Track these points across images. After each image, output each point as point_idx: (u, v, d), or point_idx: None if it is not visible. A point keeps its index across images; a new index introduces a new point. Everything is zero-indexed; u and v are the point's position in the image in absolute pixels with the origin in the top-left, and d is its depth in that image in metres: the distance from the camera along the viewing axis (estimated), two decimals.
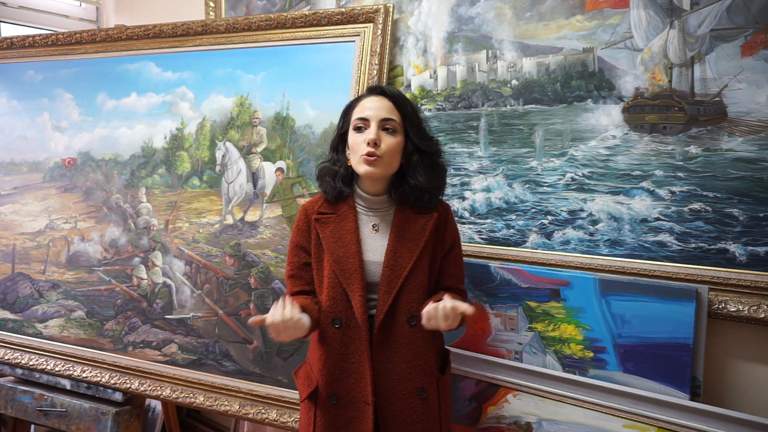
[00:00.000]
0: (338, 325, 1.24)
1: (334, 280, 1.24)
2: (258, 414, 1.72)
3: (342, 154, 1.31)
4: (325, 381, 1.25)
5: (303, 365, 1.38)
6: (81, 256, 2.10)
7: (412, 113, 1.28)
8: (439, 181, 1.29)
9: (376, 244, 1.27)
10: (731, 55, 1.29)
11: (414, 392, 1.23)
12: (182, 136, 1.99)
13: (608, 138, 1.47)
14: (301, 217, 1.33)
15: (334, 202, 1.30)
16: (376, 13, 1.76)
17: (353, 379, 1.23)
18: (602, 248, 1.48)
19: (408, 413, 1.23)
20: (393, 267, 1.23)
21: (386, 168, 1.23)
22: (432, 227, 1.26)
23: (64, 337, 2.06)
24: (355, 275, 1.23)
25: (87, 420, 1.93)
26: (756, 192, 1.28)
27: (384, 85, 1.53)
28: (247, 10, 2.21)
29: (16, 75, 2.29)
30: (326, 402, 1.25)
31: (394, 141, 1.23)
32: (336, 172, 1.29)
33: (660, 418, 1.27)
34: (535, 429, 1.42)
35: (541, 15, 1.55)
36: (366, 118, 1.23)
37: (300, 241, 1.32)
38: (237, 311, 1.83)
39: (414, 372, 1.24)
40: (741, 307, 1.31)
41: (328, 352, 1.25)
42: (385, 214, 1.30)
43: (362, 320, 1.22)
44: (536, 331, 1.50)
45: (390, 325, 1.24)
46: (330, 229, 1.27)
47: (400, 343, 1.24)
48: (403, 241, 1.25)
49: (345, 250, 1.24)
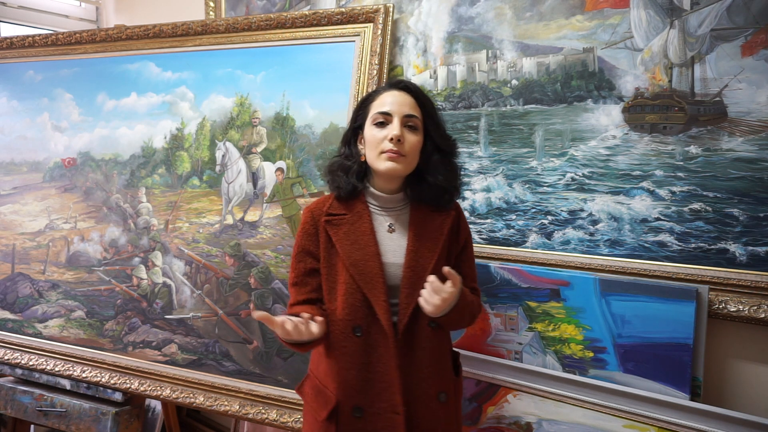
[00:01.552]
0: (359, 334, 1.16)
1: (351, 286, 1.17)
2: (258, 414, 1.72)
3: (355, 148, 1.25)
4: (347, 394, 1.17)
5: (307, 380, 1.30)
6: (81, 256, 2.10)
7: (434, 111, 1.23)
8: (456, 180, 1.24)
9: (393, 245, 1.21)
10: (731, 55, 1.29)
11: (435, 397, 1.18)
12: (182, 136, 1.99)
13: (608, 138, 1.47)
14: (307, 220, 1.24)
15: (345, 200, 1.23)
16: (376, 13, 1.76)
17: (378, 389, 1.16)
18: (602, 248, 1.48)
19: (431, 418, 1.18)
20: (414, 268, 1.17)
21: (408, 166, 1.18)
22: (449, 226, 1.22)
23: (64, 337, 2.05)
24: (377, 278, 1.15)
25: (87, 420, 1.93)
26: (756, 192, 1.28)
27: (405, 79, 1.47)
28: (247, 10, 2.21)
29: (16, 75, 2.29)
30: (349, 417, 1.16)
31: (415, 139, 1.18)
32: (349, 168, 1.22)
33: (660, 418, 1.27)
34: (535, 429, 1.42)
35: (541, 15, 1.55)
36: (389, 112, 1.17)
37: (307, 246, 1.24)
38: (237, 311, 1.83)
39: (435, 376, 1.19)
40: (741, 307, 1.31)
41: (348, 363, 1.17)
42: (399, 213, 1.24)
43: (388, 326, 1.14)
44: (536, 331, 1.50)
45: (413, 329, 1.18)
46: (344, 231, 1.19)
47: (423, 347, 1.18)
48: (422, 241, 1.19)
49: (363, 252, 1.17)
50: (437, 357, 1.21)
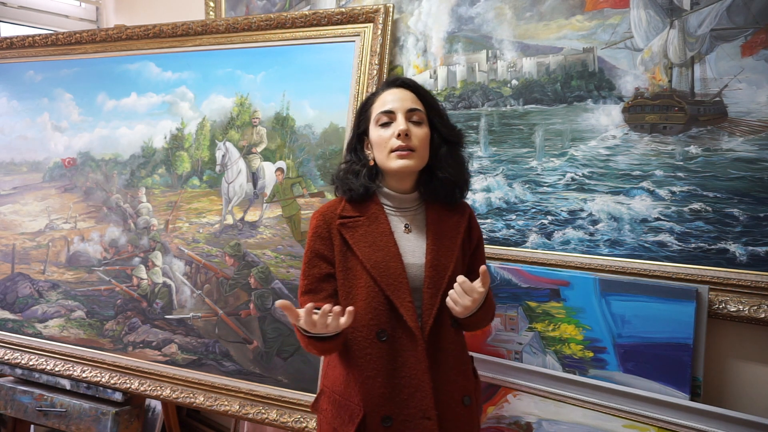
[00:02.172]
0: (384, 338, 1.12)
1: (373, 289, 1.13)
2: (258, 414, 1.72)
3: (362, 153, 1.23)
4: (375, 404, 1.12)
5: (322, 396, 1.24)
6: (81, 256, 2.10)
7: (435, 103, 1.21)
8: (465, 173, 1.23)
9: (412, 246, 1.18)
10: (731, 55, 1.29)
11: (460, 401, 1.16)
12: (182, 136, 1.99)
13: (608, 138, 1.47)
14: (319, 224, 1.20)
15: (359, 202, 1.20)
16: (376, 13, 1.76)
17: (406, 395, 1.12)
18: (602, 248, 1.48)
19: (457, 423, 1.15)
20: (437, 268, 1.15)
21: (420, 161, 1.16)
22: (465, 224, 1.21)
23: (64, 337, 2.05)
24: (401, 279, 1.12)
25: (87, 420, 1.93)
26: (756, 192, 1.28)
27: (402, 76, 1.44)
28: (247, 10, 2.21)
29: (16, 75, 2.29)
30: (379, 427, 1.11)
31: (422, 132, 1.16)
32: (359, 171, 1.20)
33: (660, 418, 1.27)
34: (535, 429, 1.42)
35: (541, 15, 1.55)
36: (391, 110, 1.15)
37: (320, 250, 1.19)
38: (237, 311, 1.83)
39: (459, 379, 1.17)
40: (741, 307, 1.30)
41: (374, 371, 1.12)
42: (414, 213, 1.22)
43: (416, 327, 1.11)
44: (536, 331, 1.50)
45: (438, 330, 1.15)
46: (360, 233, 1.16)
47: (447, 349, 1.16)
48: (442, 240, 1.17)
49: (383, 253, 1.14)
50: (460, 358, 1.20)
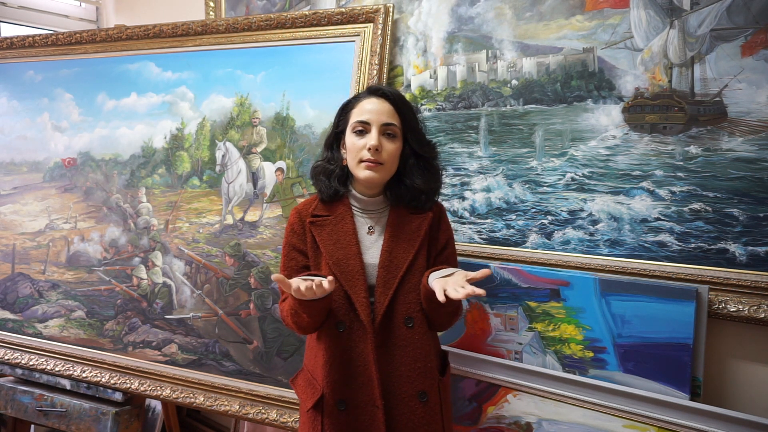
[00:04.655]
0: (342, 329, 1.22)
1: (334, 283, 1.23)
2: (258, 414, 1.72)
3: (337, 152, 1.30)
4: (332, 387, 1.22)
5: (301, 373, 1.35)
6: (81, 256, 2.10)
7: (412, 117, 1.26)
8: (435, 183, 1.29)
9: (372, 246, 1.26)
10: (731, 55, 1.29)
11: (415, 395, 1.22)
12: (182, 136, 1.99)
13: (608, 138, 1.47)
14: (295, 220, 1.30)
15: (329, 202, 1.29)
16: (376, 13, 1.76)
17: (359, 383, 1.21)
18: (602, 248, 1.48)
19: (411, 417, 1.21)
20: (389, 268, 1.22)
21: (387, 173, 1.24)
22: (427, 227, 1.26)
23: (64, 337, 2.06)
24: (358, 276, 1.21)
25: (87, 420, 1.93)
26: (756, 192, 1.28)
27: (384, 86, 1.52)
28: (247, 10, 2.21)
29: (16, 75, 2.29)
30: (334, 409, 1.22)
31: (394, 147, 1.22)
32: (331, 172, 1.27)
33: (660, 418, 1.27)
34: (535, 429, 1.42)
35: (541, 15, 1.55)
36: (367, 121, 1.21)
37: (296, 244, 1.29)
38: (237, 311, 1.83)
39: (414, 375, 1.23)
40: (741, 307, 1.31)
41: (333, 357, 1.23)
42: (380, 216, 1.29)
43: (367, 322, 1.20)
44: (536, 331, 1.50)
45: (388, 327, 1.22)
46: (327, 232, 1.25)
47: (399, 346, 1.22)
48: (398, 242, 1.24)
49: (345, 251, 1.23)
50: (415, 356, 1.23)
